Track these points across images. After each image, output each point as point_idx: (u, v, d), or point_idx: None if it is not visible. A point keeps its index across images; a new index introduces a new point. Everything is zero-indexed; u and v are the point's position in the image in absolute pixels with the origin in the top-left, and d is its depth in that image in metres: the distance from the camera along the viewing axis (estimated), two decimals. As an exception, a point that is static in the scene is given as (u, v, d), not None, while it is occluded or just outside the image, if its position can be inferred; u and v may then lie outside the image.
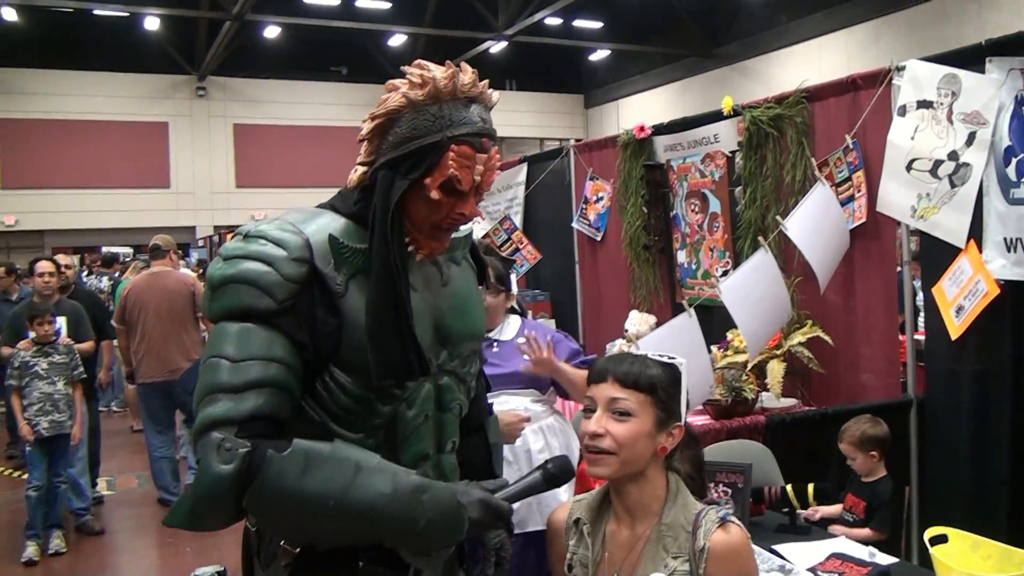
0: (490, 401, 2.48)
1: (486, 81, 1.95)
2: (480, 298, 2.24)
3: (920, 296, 4.83)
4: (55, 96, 22.45)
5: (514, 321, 3.63)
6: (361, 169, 1.95)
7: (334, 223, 1.91)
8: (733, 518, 1.95)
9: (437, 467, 2.01)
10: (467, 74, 1.90)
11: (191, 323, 7.23)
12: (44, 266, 6.96)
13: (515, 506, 1.96)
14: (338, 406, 1.87)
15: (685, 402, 1.99)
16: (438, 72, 1.87)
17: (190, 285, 7.31)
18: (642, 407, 1.92)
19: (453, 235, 2.06)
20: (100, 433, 7.75)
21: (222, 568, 1.99)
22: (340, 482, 1.73)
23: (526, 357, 3.34)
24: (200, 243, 22.28)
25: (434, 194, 1.88)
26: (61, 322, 6.75)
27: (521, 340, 3.41)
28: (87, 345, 6.97)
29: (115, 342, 7.59)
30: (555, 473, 1.96)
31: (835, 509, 3.83)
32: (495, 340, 3.54)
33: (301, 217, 1.91)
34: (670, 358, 1.99)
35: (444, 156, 1.86)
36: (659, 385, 1.93)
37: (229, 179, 24.60)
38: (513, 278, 3.78)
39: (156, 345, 7.06)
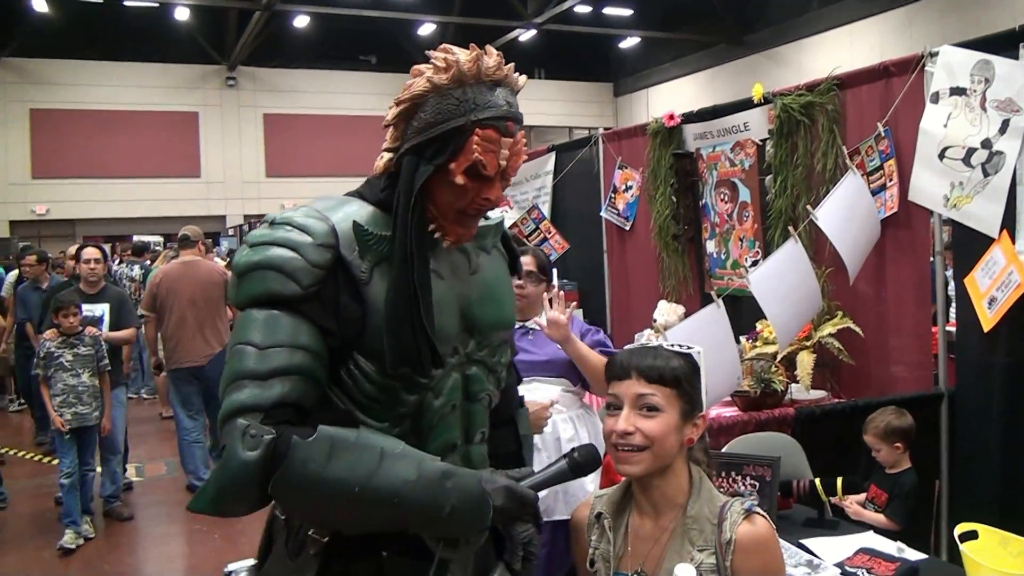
0: (521, 392, 2.47)
1: (511, 64, 1.92)
2: (511, 287, 2.22)
3: (952, 286, 4.76)
4: (86, 86, 22.69)
5: None
6: (387, 155, 1.94)
7: (361, 211, 1.90)
8: (759, 510, 1.94)
9: (465, 457, 2.00)
10: (492, 57, 1.88)
11: (223, 310, 7.43)
12: (90, 253, 6.98)
13: (541, 495, 1.95)
14: (363, 394, 1.86)
15: (704, 390, 1.97)
16: (462, 56, 1.85)
17: (222, 274, 7.54)
18: (668, 401, 1.90)
19: (483, 223, 2.06)
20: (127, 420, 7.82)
21: (254, 563, 1.99)
22: (365, 468, 1.73)
23: (551, 312, 3.36)
24: (230, 232, 22.40)
25: (459, 179, 1.86)
26: (104, 309, 6.81)
27: (553, 293, 3.43)
28: (128, 332, 7.04)
29: (142, 330, 7.66)
30: (581, 462, 1.94)
31: (858, 499, 3.81)
32: (530, 328, 3.56)
33: (328, 204, 1.91)
34: (687, 348, 1.97)
35: (468, 140, 1.84)
36: (682, 377, 1.92)
37: (259, 168, 24.77)
38: (554, 271, 3.79)
39: (191, 331, 7.21)
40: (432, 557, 1.88)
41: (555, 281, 3.72)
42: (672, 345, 2.00)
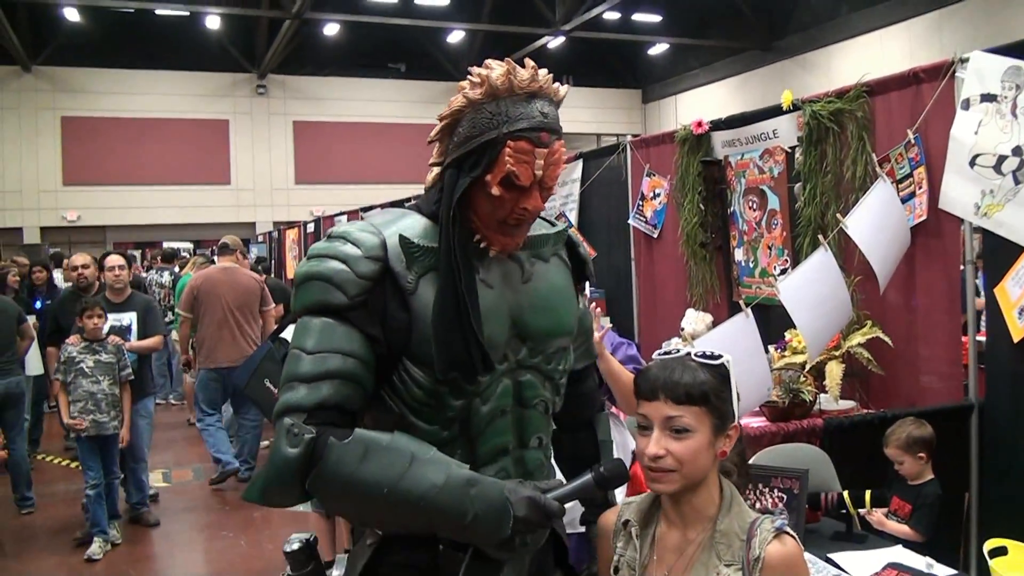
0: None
1: (550, 76, 1.97)
2: (571, 295, 2.22)
3: (982, 295, 4.70)
4: (117, 94, 22.93)
5: None
6: (435, 170, 2.04)
7: (416, 224, 2.00)
8: (789, 529, 1.91)
9: (519, 462, 2.07)
10: (526, 69, 1.93)
11: (257, 315, 7.87)
12: (114, 260, 6.96)
13: (568, 505, 1.95)
14: (412, 398, 1.95)
15: (736, 397, 1.94)
16: (495, 70, 1.92)
17: (259, 281, 8.05)
18: (698, 420, 1.87)
19: (541, 232, 2.14)
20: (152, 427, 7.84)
21: (312, 536, 2.08)
22: (394, 471, 1.82)
23: None
24: (260, 239, 22.52)
25: (495, 190, 1.92)
26: (131, 319, 6.83)
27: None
28: (155, 340, 7.02)
29: (170, 336, 7.77)
30: (607, 477, 1.95)
31: (881, 511, 3.76)
32: None
33: (385, 219, 2.02)
34: (716, 356, 1.93)
35: (501, 152, 1.90)
36: (710, 392, 1.88)
37: (289, 175, 24.94)
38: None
39: (229, 335, 7.61)
40: (485, 555, 1.92)
41: (587, 290, 3.71)
42: (700, 354, 1.96)
